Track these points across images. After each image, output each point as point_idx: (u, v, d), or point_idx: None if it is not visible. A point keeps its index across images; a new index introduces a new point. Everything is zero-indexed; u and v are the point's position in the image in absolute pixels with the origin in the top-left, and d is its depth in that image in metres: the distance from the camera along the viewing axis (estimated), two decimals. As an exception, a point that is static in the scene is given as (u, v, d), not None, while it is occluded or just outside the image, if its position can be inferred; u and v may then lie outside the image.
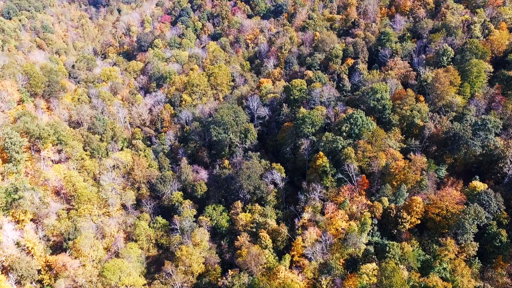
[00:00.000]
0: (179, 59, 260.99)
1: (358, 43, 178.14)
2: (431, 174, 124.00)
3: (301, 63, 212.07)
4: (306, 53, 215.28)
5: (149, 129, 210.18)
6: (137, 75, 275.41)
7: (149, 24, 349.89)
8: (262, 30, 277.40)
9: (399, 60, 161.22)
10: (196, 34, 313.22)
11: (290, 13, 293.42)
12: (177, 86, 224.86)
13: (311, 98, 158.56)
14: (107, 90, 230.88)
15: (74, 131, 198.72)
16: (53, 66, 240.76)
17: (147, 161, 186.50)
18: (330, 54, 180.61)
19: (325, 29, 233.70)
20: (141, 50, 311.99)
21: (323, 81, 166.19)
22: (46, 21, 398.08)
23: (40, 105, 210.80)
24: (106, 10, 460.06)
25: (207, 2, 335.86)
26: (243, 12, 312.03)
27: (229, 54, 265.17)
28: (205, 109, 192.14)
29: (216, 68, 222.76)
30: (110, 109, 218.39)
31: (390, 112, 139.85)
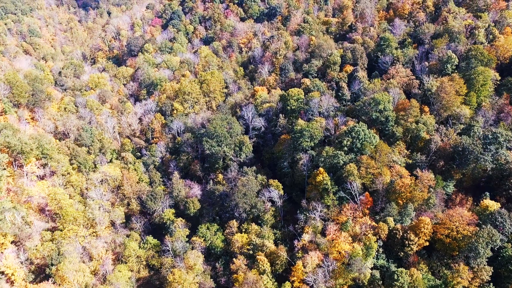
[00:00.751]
0: (170, 65, 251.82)
1: (357, 49, 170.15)
2: (439, 191, 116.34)
3: (297, 69, 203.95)
4: (302, 59, 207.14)
5: (139, 139, 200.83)
6: (127, 81, 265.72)
7: (139, 28, 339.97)
8: (255, 33, 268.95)
9: (401, 67, 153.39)
10: (187, 38, 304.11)
11: (284, 15, 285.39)
12: (168, 94, 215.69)
13: (309, 108, 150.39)
14: (95, 98, 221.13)
15: (60, 143, 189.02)
16: (38, 73, 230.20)
17: (137, 175, 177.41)
18: (328, 60, 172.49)
19: (321, 33, 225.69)
20: (131, 55, 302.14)
21: (321, 89, 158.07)
22: (33, 25, 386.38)
23: (24, 116, 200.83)
24: (95, 13, 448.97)
25: (199, 4, 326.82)
26: (236, 15, 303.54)
27: (222, 59, 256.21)
28: (198, 119, 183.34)
29: (208, 75, 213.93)
30: (98, 119, 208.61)
31: (393, 124, 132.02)
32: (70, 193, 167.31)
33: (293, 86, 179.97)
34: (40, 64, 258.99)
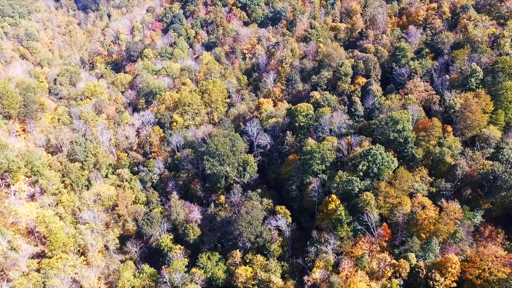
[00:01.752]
0: (170, 72, 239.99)
1: (370, 59, 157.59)
2: (466, 223, 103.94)
3: (304, 78, 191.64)
4: (309, 67, 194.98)
5: (136, 153, 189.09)
6: (125, 88, 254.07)
7: (139, 32, 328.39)
8: (259, 39, 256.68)
9: (420, 81, 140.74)
10: (188, 43, 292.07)
11: (289, 20, 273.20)
12: (167, 105, 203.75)
13: (319, 125, 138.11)
14: (90, 108, 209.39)
15: (52, 158, 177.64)
16: (31, 81, 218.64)
17: (133, 193, 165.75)
18: (338, 71, 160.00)
19: (329, 39, 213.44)
20: (131, 60, 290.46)
21: (332, 104, 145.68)
22: (31, 28, 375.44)
23: (15, 128, 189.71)
24: (95, 15, 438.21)
25: (201, 8, 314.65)
26: (239, 19, 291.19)
27: (225, 66, 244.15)
28: (198, 133, 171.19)
29: (210, 84, 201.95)
30: (93, 131, 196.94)
31: (413, 145, 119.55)
32: (61, 213, 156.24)
33: (301, 98, 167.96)
34: (34, 71, 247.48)
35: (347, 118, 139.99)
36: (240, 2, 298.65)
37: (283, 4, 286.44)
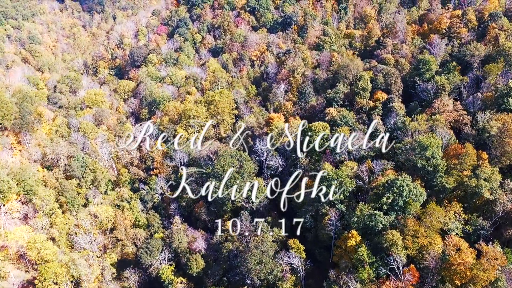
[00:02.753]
0: (175, 80, 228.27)
1: (391, 73, 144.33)
2: (510, 270, 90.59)
3: (317, 89, 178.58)
4: (323, 78, 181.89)
5: (137, 169, 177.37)
6: (128, 96, 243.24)
7: (143, 36, 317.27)
8: (269, 45, 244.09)
9: (448, 99, 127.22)
10: (194, 48, 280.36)
11: (300, 25, 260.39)
12: (171, 116, 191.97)
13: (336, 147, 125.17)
14: (90, 119, 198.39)
15: (47, 174, 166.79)
16: (29, 90, 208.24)
17: (133, 214, 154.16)
18: (356, 86, 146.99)
19: (344, 48, 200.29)
20: (134, 66, 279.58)
21: (350, 123, 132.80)
22: (34, 31, 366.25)
23: (9, 141, 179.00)
24: (100, 17, 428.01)
25: (208, 11, 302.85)
26: (248, 23, 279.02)
27: (232, 74, 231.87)
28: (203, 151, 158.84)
29: (216, 95, 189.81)
30: (93, 144, 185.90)
31: (443, 175, 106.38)
32: (55, 236, 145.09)
33: (315, 114, 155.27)
34: (33, 77, 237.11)
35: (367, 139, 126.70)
36: (249, 6, 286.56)
37: (294, 9, 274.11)
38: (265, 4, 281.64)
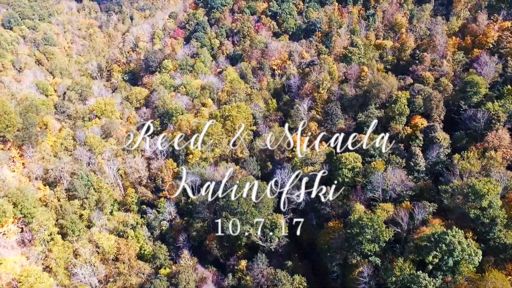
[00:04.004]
0: (190, 90, 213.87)
1: (434, 96, 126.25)
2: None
3: (344, 106, 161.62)
4: (351, 95, 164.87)
5: (145, 189, 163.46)
6: (141, 104, 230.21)
7: (159, 40, 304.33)
8: (291, 54, 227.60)
9: (504, 132, 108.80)
10: (212, 54, 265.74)
11: (325, 32, 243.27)
12: (184, 131, 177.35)
13: (369, 183, 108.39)
14: (98, 131, 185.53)
15: (49, 192, 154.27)
16: (36, 97, 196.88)
17: (138, 243, 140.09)
18: (391, 109, 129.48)
19: (374, 61, 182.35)
20: (149, 71, 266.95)
21: (384, 155, 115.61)
22: (50, 32, 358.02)
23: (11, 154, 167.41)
24: (117, 18, 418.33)
25: (227, 15, 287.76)
26: (269, 29, 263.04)
27: (251, 85, 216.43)
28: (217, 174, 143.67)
29: (234, 110, 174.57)
30: (99, 160, 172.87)
31: (502, 229, 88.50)
32: (52, 266, 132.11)
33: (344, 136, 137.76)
34: (43, 83, 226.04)
35: (405, 174, 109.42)
36: (271, 10, 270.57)
37: (318, 14, 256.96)
38: (287, 9, 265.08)
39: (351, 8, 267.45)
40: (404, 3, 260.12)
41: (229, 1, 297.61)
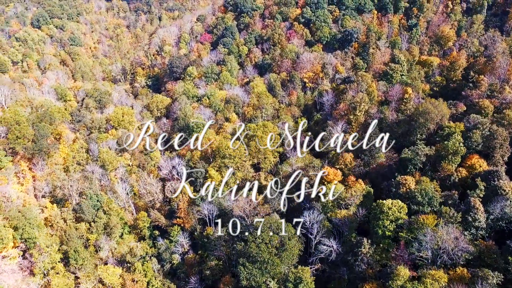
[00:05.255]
0: (213, 102, 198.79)
1: (498, 134, 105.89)
2: None
3: (383, 132, 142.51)
4: (392, 120, 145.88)
5: (159, 214, 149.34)
6: (161, 114, 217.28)
7: (185, 44, 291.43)
8: (324, 66, 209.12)
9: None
10: (239, 62, 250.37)
11: (362, 43, 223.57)
12: (204, 149, 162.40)
13: (415, 239, 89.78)
14: (113, 144, 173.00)
15: (55, 213, 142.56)
16: (52, 104, 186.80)
17: (146, 278, 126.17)
18: (442, 146, 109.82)
19: (419, 81, 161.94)
20: (173, 77, 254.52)
21: (434, 204, 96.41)
22: (77, 32, 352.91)
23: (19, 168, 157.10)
24: (146, 18, 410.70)
25: (257, 21, 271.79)
26: (301, 37, 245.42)
27: (279, 99, 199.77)
28: (237, 208, 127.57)
29: (259, 129, 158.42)
30: (111, 177, 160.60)
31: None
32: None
33: (383, 175, 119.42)
34: (62, 88, 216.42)
35: (460, 231, 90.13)
36: (304, 17, 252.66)
37: (355, 23, 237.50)
38: (322, 16, 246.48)
39: (391, 16, 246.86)
40: (451, 13, 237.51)
41: (260, 6, 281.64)
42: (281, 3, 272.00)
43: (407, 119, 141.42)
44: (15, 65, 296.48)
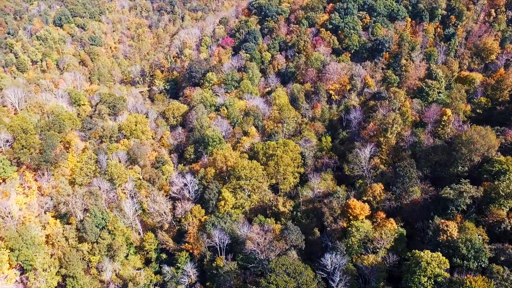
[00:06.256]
0: (232, 113, 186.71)
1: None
2: None
3: (417, 157, 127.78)
4: (427, 145, 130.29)
5: (167, 236, 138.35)
6: (177, 122, 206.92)
7: (205, 48, 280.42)
8: (352, 77, 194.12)
9: None
10: (261, 68, 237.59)
11: (393, 53, 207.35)
12: (219, 166, 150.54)
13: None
14: (123, 156, 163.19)
15: (57, 231, 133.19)
16: (63, 111, 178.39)
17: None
18: (493, 187, 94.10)
19: (460, 101, 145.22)
20: (191, 82, 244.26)
21: (482, 259, 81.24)
22: (98, 31, 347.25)
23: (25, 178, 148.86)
24: (168, 18, 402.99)
25: (282, 25, 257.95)
26: (328, 44, 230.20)
27: (302, 112, 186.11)
28: (251, 239, 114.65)
29: (279, 149, 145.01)
30: (119, 193, 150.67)
31: None
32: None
33: (418, 213, 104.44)
34: (75, 92, 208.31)
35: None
36: (331, 23, 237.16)
37: (387, 32, 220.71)
38: (351, 22, 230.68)
39: (426, 25, 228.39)
40: (494, 22, 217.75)
41: (286, 10, 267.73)
42: (308, 7, 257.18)
43: (445, 145, 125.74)
44: (35, 64, 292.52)
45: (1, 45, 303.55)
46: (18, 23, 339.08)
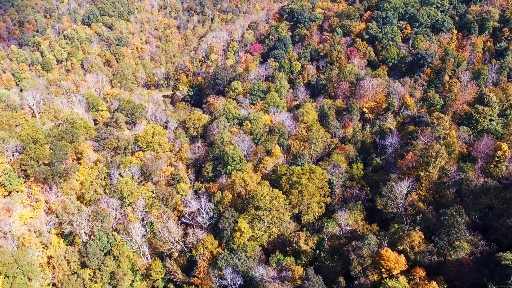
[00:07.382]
0: (255, 129, 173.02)
1: None
2: None
3: (462, 195, 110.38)
4: (476, 184, 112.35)
5: (175, 265, 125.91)
6: (198, 133, 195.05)
7: (232, 54, 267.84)
8: (389, 95, 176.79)
9: None
10: (290, 78, 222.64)
11: (436, 69, 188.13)
12: (238, 191, 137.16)
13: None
14: (136, 171, 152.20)
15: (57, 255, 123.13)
16: (78, 119, 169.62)
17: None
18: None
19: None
20: (216, 90, 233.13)
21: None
22: (125, 31, 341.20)
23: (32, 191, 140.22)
24: (198, 19, 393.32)
25: (314, 33, 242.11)
26: (363, 56, 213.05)
27: (332, 131, 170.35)
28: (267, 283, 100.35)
29: (305, 177, 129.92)
30: (128, 212, 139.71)
31: None
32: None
33: (464, 275, 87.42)
34: (94, 97, 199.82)
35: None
36: (368, 33, 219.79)
37: (430, 45, 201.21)
38: (390, 33, 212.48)
39: (475, 38, 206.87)
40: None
41: (319, 16, 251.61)
42: (343, 15, 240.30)
43: (499, 186, 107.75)
44: (59, 63, 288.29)
45: (29, 43, 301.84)
46: (47, 21, 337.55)
